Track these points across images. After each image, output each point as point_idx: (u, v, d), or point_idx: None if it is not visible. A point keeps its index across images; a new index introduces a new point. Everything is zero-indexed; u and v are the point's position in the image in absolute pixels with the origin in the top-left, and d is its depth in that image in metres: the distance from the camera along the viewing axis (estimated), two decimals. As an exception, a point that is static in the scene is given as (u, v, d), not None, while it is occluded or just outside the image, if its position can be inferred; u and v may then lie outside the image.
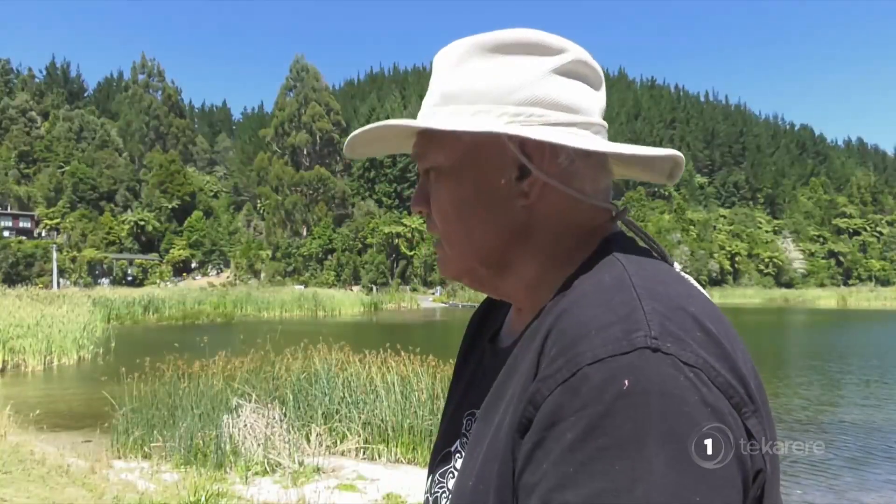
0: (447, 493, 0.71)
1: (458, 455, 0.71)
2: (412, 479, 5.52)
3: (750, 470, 0.50)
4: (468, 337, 0.85)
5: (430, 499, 0.73)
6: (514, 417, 0.55)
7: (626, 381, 0.48)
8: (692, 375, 0.49)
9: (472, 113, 0.64)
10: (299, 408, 6.77)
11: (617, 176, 0.72)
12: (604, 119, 0.68)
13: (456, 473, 0.70)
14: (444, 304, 52.11)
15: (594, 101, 0.67)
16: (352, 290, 57.62)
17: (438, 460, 0.74)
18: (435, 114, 0.66)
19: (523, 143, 0.63)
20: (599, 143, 0.63)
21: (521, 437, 0.53)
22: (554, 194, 0.64)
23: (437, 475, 0.73)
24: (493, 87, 0.64)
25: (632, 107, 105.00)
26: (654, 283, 0.56)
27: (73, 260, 62.98)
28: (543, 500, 0.49)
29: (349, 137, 0.68)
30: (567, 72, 0.65)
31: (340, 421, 6.62)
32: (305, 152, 79.00)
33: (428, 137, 0.67)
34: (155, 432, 6.57)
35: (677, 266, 0.65)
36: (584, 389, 0.49)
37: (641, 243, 0.67)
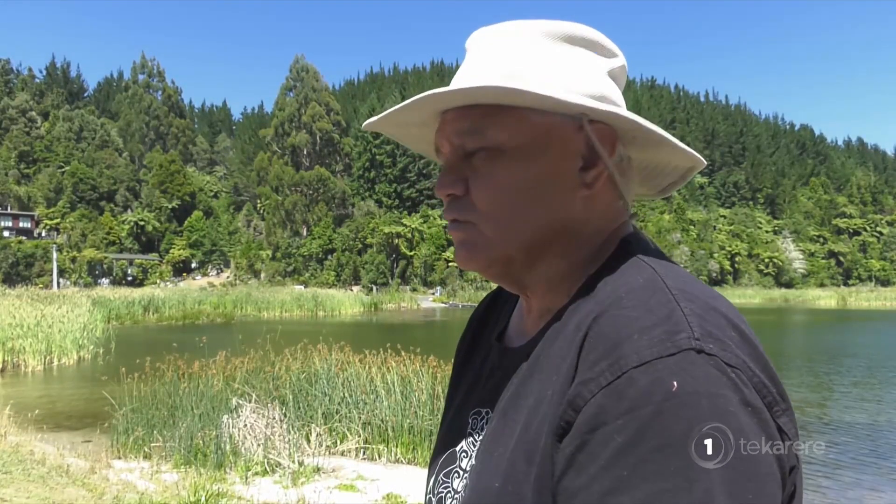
0: (452, 492, 0.69)
1: (463, 455, 0.70)
2: (412, 480, 5.52)
3: (786, 466, 0.51)
4: (469, 334, 0.84)
5: (432, 499, 0.72)
6: (550, 420, 0.54)
7: (675, 383, 0.48)
8: (734, 376, 0.49)
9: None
10: (299, 408, 6.76)
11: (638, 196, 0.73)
12: None
13: (463, 473, 0.69)
14: (444, 304, 52.11)
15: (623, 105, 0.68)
16: (352, 290, 57.59)
17: (442, 460, 0.73)
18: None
19: (589, 136, 0.63)
20: (658, 130, 0.62)
21: (558, 440, 0.53)
22: (608, 190, 0.64)
23: (441, 475, 0.72)
24: (564, 74, 0.62)
25: (632, 107, 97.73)
26: (685, 284, 0.56)
27: (73, 260, 62.94)
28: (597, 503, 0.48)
29: (420, 97, 0.62)
30: (615, 75, 0.66)
31: (340, 421, 6.62)
32: (305, 152, 78.96)
33: (489, 112, 0.62)
34: (155, 432, 6.57)
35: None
36: (631, 392, 0.49)
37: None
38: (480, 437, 0.68)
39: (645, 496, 0.46)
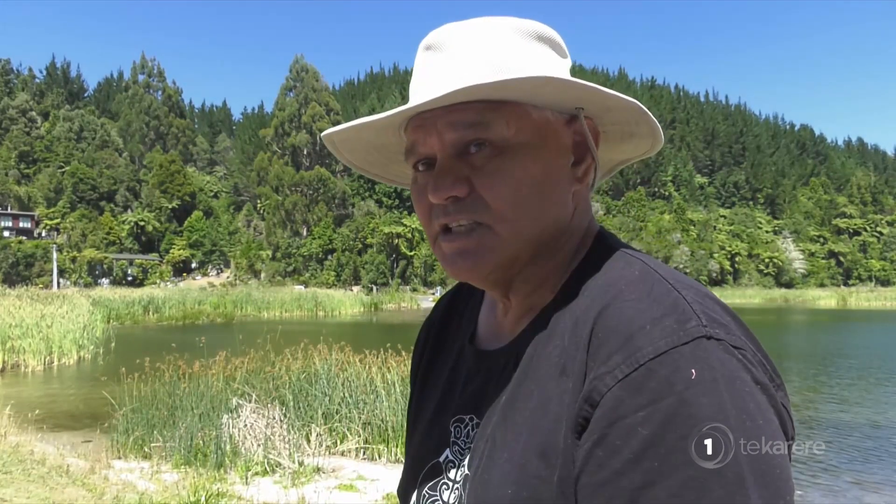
0: None
1: (450, 465, 0.67)
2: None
3: (789, 436, 0.53)
4: (431, 339, 0.81)
5: None
6: (567, 419, 0.53)
7: (694, 371, 0.48)
8: (741, 357, 0.50)
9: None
10: (299, 408, 6.76)
11: (609, 165, 0.74)
12: None
13: (453, 484, 0.65)
14: (444, 304, 52.01)
15: None
16: (352, 290, 57.60)
17: (424, 473, 0.69)
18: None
19: (577, 131, 0.63)
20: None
21: (577, 438, 0.52)
22: (587, 187, 0.66)
23: (426, 489, 0.68)
24: (546, 70, 0.62)
25: None
26: (674, 274, 0.57)
27: (73, 260, 62.94)
28: (630, 500, 0.47)
29: (337, 130, 0.67)
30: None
31: (340, 421, 6.62)
32: (305, 152, 78.98)
33: (492, 107, 0.59)
34: (155, 432, 6.57)
35: None
36: (651, 384, 0.49)
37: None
38: (471, 445, 0.64)
39: (679, 486, 0.46)
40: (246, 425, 6.13)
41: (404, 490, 0.72)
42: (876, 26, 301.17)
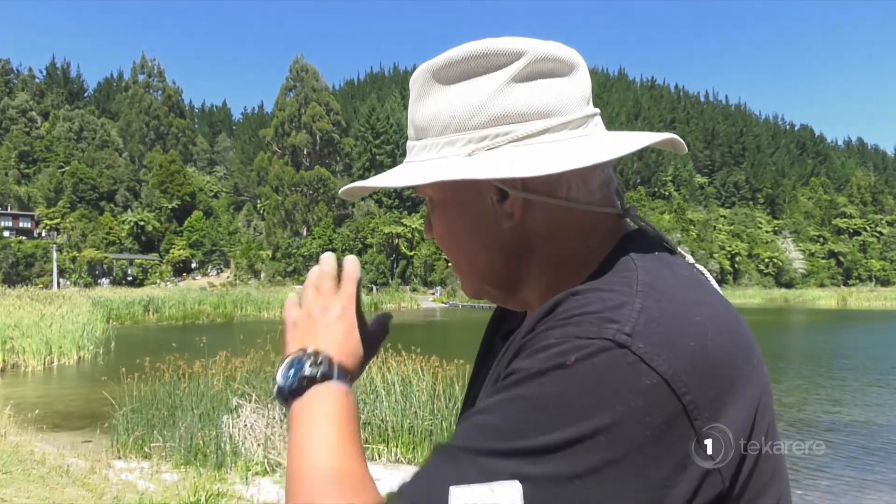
0: None
1: None
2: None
3: (680, 491, 0.49)
4: (487, 337, 0.84)
5: None
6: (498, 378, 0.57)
7: (573, 358, 0.49)
8: (650, 383, 0.48)
9: (440, 146, 0.63)
10: (299, 408, 6.75)
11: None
12: (594, 105, 0.66)
13: None
14: (444, 304, 52.08)
15: (568, 92, 0.63)
16: (352, 290, 57.46)
17: None
18: (412, 147, 0.67)
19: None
20: (574, 152, 0.59)
21: None
22: (540, 207, 0.62)
23: None
24: (454, 115, 0.62)
25: (632, 107, 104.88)
26: (664, 285, 0.55)
27: (73, 260, 62.93)
28: (465, 416, 0.54)
29: (348, 188, 0.70)
30: (528, 75, 0.61)
31: (340, 421, 6.60)
32: (305, 152, 78.98)
33: None
34: (155, 432, 6.57)
35: (689, 259, 0.64)
36: (540, 354, 0.51)
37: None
38: None
39: (487, 423, 0.50)
40: (246, 425, 6.13)
41: None
42: (876, 26, 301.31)
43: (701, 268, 0.63)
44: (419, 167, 0.63)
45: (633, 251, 0.60)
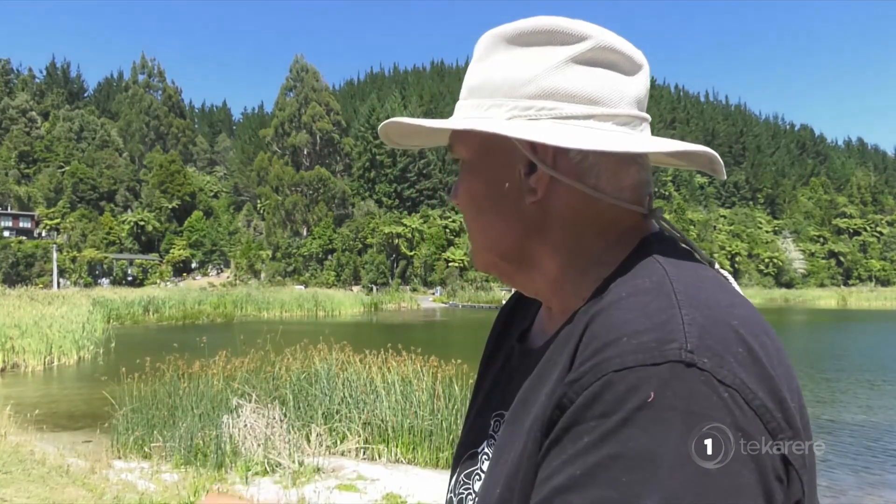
0: (473, 495, 0.69)
1: (484, 457, 0.69)
2: (412, 480, 5.52)
3: (777, 494, 0.48)
4: (495, 334, 0.83)
5: (453, 499, 0.71)
6: (542, 421, 0.53)
7: (652, 394, 0.46)
8: (727, 396, 0.46)
9: (486, 107, 0.63)
10: (299, 408, 6.76)
11: (654, 163, 0.69)
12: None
13: (482, 476, 0.67)
14: (444, 304, 52.12)
15: (624, 89, 0.62)
16: (352, 290, 57.60)
17: (464, 460, 0.72)
18: (461, 108, 0.66)
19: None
20: (606, 138, 0.59)
21: (546, 440, 0.52)
22: (565, 190, 0.62)
23: (463, 476, 0.71)
24: (507, 80, 0.62)
25: None
26: (697, 290, 0.53)
27: (73, 260, 62.93)
28: (547, 496, 0.48)
29: (385, 124, 0.68)
30: (588, 60, 0.61)
31: (340, 421, 6.62)
32: (305, 152, 78.98)
33: (455, 131, 0.66)
34: (155, 432, 6.57)
35: (719, 269, 0.62)
36: (607, 396, 0.47)
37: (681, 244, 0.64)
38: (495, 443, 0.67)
39: (591, 500, 0.45)
40: (246, 425, 6.13)
41: (451, 474, 0.75)
42: (876, 26, 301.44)
43: (724, 272, 0.62)
44: (466, 120, 0.64)
45: (658, 253, 0.58)
